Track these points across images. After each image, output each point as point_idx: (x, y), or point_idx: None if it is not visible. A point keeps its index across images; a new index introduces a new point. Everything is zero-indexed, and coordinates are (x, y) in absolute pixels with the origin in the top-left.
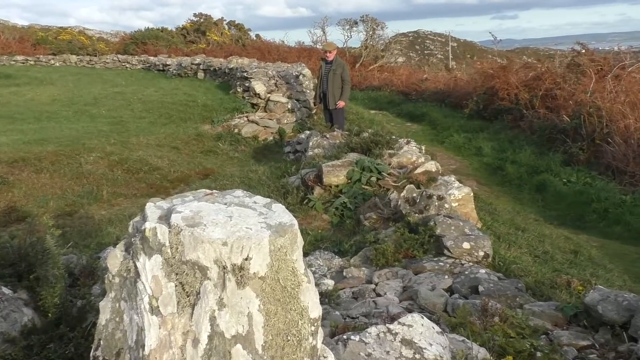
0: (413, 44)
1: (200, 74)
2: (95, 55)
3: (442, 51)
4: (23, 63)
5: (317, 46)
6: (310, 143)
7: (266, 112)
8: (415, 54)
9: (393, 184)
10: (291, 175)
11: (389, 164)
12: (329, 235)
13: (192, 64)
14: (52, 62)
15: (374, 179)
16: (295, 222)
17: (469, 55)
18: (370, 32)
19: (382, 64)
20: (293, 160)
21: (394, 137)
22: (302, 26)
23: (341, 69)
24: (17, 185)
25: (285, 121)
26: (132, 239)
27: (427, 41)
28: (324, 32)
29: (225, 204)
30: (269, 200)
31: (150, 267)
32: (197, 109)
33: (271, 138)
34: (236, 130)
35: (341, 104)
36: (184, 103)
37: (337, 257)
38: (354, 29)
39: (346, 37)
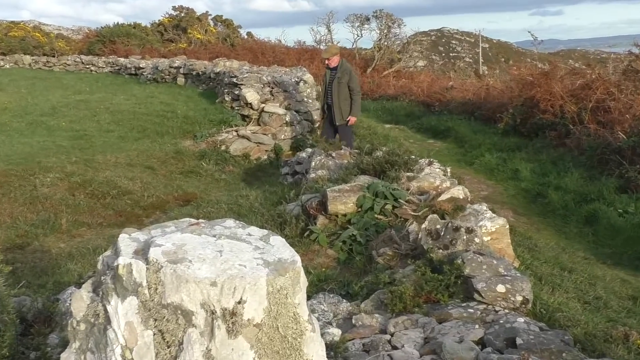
0: (436, 45)
1: (181, 79)
2: (54, 56)
3: (471, 53)
4: None
5: (321, 47)
6: (313, 163)
7: (259, 125)
8: (439, 56)
9: (412, 213)
10: (289, 201)
11: (408, 189)
12: (335, 274)
13: (170, 67)
14: (1, 63)
15: (389, 207)
16: (297, 258)
17: (503, 59)
18: (385, 31)
19: (399, 68)
20: (292, 184)
21: (413, 156)
22: (302, 22)
23: (347, 76)
24: None
25: (283, 137)
26: (102, 278)
27: (453, 41)
28: (329, 30)
29: (214, 236)
30: (266, 232)
31: (123, 311)
32: (177, 121)
33: (265, 157)
34: (223, 147)
35: (352, 120)
36: (161, 114)
37: (344, 301)
38: (366, 26)
39: (356, 36)
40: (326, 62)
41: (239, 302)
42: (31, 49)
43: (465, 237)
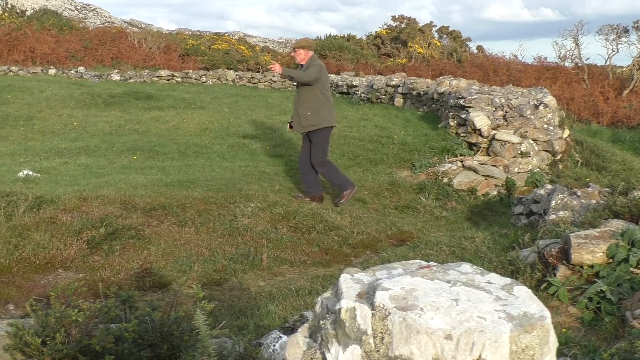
0: None
1: (398, 100)
2: (259, 71)
3: None
4: (168, 80)
5: (565, 64)
6: (553, 202)
7: (489, 155)
8: None
9: None
10: (523, 247)
11: None
12: (578, 337)
13: (387, 85)
14: (204, 79)
15: None
16: (547, 313)
17: None
18: None
19: None
20: (526, 226)
21: None
22: (544, 34)
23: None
24: (154, 241)
25: (516, 170)
26: (321, 322)
27: None
28: (576, 44)
29: (449, 282)
30: (509, 280)
31: None
32: (393, 149)
33: (495, 192)
34: (445, 180)
35: (275, 66)
36: (375, 139)
37: None
38: (623, 39)
39: (610, 51)
40: (293, 53)
41: None
42: (235, 63)
43: None
